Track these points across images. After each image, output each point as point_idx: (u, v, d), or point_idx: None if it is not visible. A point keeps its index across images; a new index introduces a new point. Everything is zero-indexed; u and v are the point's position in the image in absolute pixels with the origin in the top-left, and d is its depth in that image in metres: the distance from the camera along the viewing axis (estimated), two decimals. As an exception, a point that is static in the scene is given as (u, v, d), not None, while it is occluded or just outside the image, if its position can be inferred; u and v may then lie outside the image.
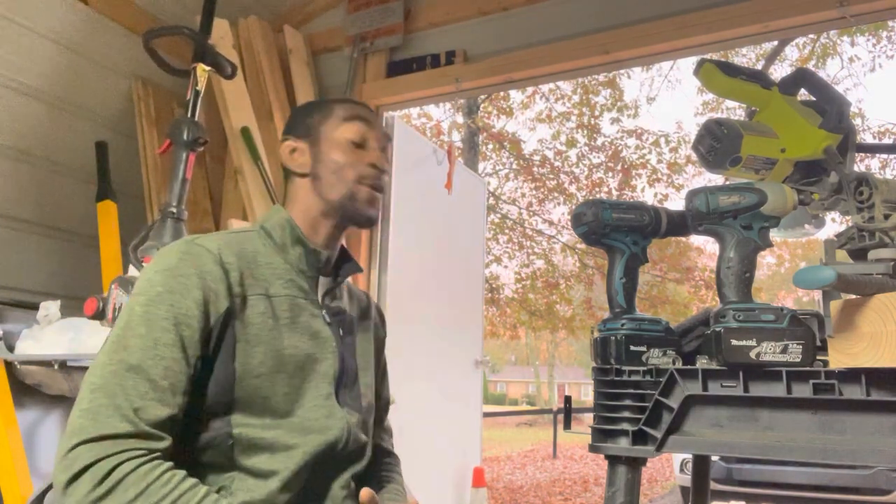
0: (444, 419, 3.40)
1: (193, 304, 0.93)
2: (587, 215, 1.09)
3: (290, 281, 1.05)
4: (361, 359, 1.15)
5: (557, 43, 2.48)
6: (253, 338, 0.97)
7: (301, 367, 1.01)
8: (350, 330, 1.14)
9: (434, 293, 3.32)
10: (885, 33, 8.33)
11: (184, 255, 0.97)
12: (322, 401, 1.02)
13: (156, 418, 0.87)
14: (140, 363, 0.88)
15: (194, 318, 0.93)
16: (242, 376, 0.95)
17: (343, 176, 1.09)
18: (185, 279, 0.94)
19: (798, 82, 1.26)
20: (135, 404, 0.86)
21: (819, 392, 0.91)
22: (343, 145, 1.11)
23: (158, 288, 0.94)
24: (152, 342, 0.90)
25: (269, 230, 1.09)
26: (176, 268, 0.95)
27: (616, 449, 1.02)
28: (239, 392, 0.96)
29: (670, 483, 7.80)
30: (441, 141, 9.35)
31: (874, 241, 1.02)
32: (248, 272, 1.01)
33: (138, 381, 0.87)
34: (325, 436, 1.00)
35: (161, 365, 0.89)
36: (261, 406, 0.96)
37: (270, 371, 0.97)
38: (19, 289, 2.37)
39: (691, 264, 11.26)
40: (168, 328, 0.91)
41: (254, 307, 0.99)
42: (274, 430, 0.96)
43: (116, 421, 0.84)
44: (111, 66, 2.54)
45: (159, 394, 0.88)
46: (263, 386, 0.96)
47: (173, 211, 1.91)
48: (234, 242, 1.03)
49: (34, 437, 2.14)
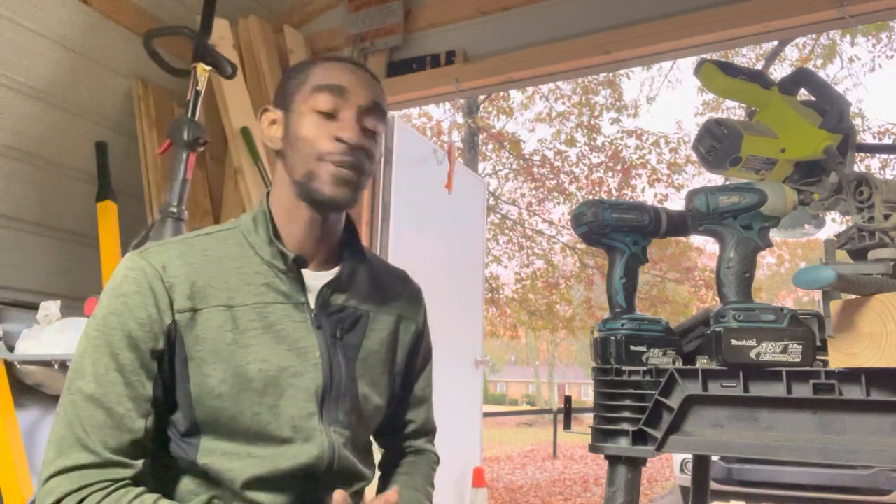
0: (443, 419, 3.39)
1: (137, 326, 0.88)
2: (587, 215, 1.08)
3: (265, 286, 0.95)
4: (366, 360, 1.02)
5: (557, 43, 2.48)
6: (208, 355, 0.89)
7: (274, 384, 0.91)
8: (352, 327, 1.01)
9: (434, 293, 3.31)
10: (885, 33, 8.32)
11: (127, 273, 0.91)
12: (301, 421, 0.92)
13: (118, 445, 0.85)
14: (94, 392, 0.85)
15: (140, 339, 0.88)
16: (200, 397, 0.89)
17: (304, 152, 0.94)
18: (127, 298, 0.89)
19: (798, 82, 1.25)
20: (92, 435, 0.84)
21: (819, 392, 0.91)
22: (310, 117, 0.96)
23: (104, 310, 0.90)
24: (103, 368, 0.86)
25: (249, 226, 0.99)
26: (119, 287, 0.90)
27: (616, 449, 1.02)
28: (201, 414, 0.89)
29: (670, 483, 7.80)
30: (441, 141, 9.36)
31: (874, 241, 1.02)
32: (203, 282, 0.92)
33: (95, 412, 0.85)
34: (301, 459, 0.91)
35: (115, 391, 0.86)
36: (229, 428, 0.90)
37: (232, 390, 0.89)
38: (19, 289, 2.37)
39: (691, 264, 11.27)
40: (116, 353, 0.87)
41: (208, 321, 0.90)
42: (243, 461, 0.89)
43: (78, 452, 0.83)
44: (111, 66, 2.54)
45: (117, 420, 0.85)
46: (225, 407, 0.89)
47: (173, 211, 1.91)
48: (192, 250, 0.94)
49: (34, 437, 2.14)
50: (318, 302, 0.99)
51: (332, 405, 0.96)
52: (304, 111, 0.96)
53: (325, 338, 0.97)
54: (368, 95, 0.98)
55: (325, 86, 0.96)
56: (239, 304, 0.92)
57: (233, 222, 1.02)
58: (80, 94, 2.48)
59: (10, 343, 2.03)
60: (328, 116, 0.96)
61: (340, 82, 0.97)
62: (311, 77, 0.98)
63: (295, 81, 1.00)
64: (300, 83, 0.99)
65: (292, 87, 1.00)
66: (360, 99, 0.97)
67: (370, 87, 0.99)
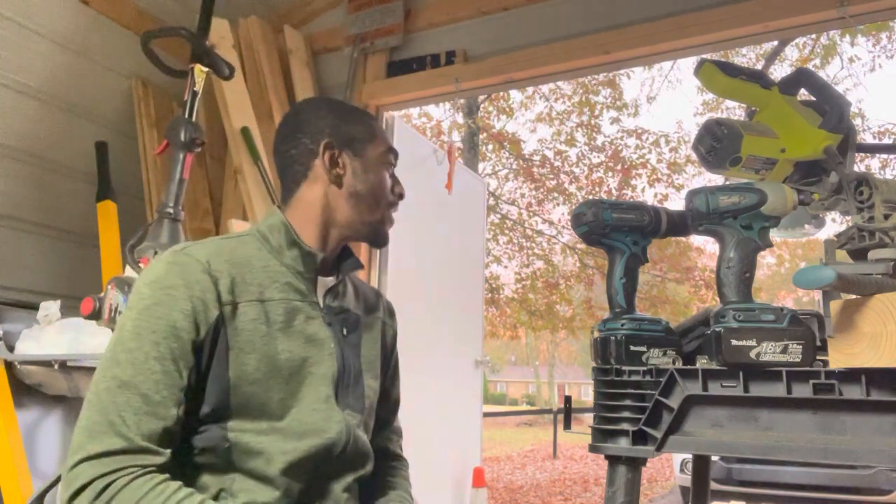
0: (444, 419, 3.39)
1: (181, 316, 0.93)
2: (587, 215, 1.09)
3: (286, 284, 1.04)
4: (366, 358, 1.14)
5: (557, 43, 2.48)
6: (246, 345, 0.97)
7: (297, 372, 1.00)
8: (354, 328, 1.13)
9: (434, 293, 3.32)
10: (886, 33, 8.33)
11: (171, 266, 0.96)
12: (320, 404, 1.01)
13: (150, 432, 0.88)
14: (131, 378, 0.89)
15: (183, 329, 0.92)
16: (237, 384, 0.95)
17: (382, 200, 1.14)
18: (173, 290, 0.94)
19: (798, 82, 1.25)
20: (128, 420, 0.87)
21: (819, 392, 0.91)
22: (384, 171, 1.15)
23: (147, 301, 0.94)
24: (143, 356, 0.90)
25: (265, 233, 1.08)
26: (164, 279, 0.95)
27: (616, 449, 1.02)
28: (234, 399, 0.95)
29: (670, 483, 7.80)
30: (441, 141, 9.36)
31: (874, 241, 1.02)
32: (239, 278, 0.99)
33: (131, 397, 0.88)
34: (322, 438, 0.99)
35: (152, 379, 0.89)
36: (257, 411, 0.96)
37: (265, 377, 0.97)
38: (19, 289, 2.37)
39: (691, 264, 11.27)
40: (158, 341, 0.91)
41: (245, 314, 0.98)
42: (270, 436, 0.96)
43: (111, 437, 0.86)
44: (111, 66, 2.54)
45: (152, 407, 0.89)
46: (258, 392, 0.96)
47: (170, 211, 1.91)
48: (225, 249, 1.02)
49: (34, 437, 2.14)
50: (325, 302, 1.10)
51: (345, 391, 1.06)
52: (380, 162, 1.15)
53: (335, 333, 1.08)
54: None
55: (393, 150, 1.18)
56: (268, 298, 1.01)
57: (245, 231, 1.12)
58: (80, 94, 2.48)
59: (10, 343, 2.03)
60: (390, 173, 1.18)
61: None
62: (377, 133, 1.17)
63: (363, 130, 1.15)
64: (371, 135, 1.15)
65: (361, 134, 1.14)
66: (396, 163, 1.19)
67: None
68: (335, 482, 1.02)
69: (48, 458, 2.17)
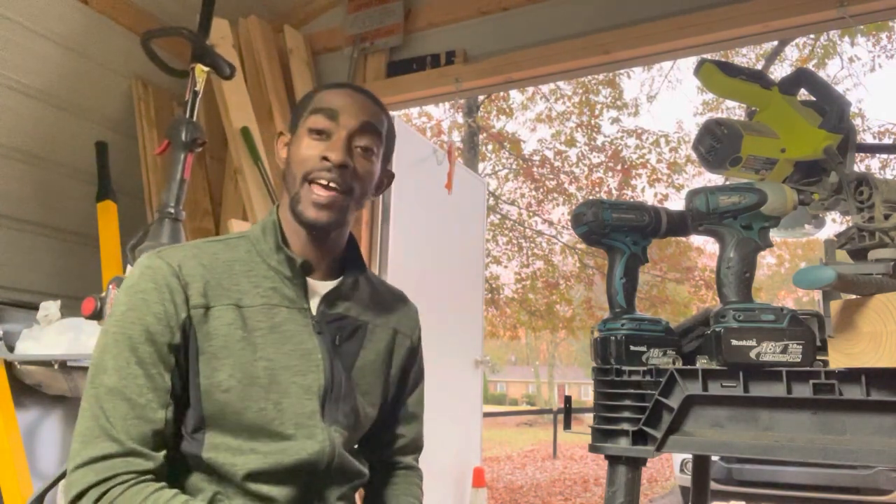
0: (444, 419, 3.39)
1: (155, 319, 0.92)
2: (587, 215, 1.08)
3: (271, 289, 1.00)
4: (364, 369, 1.06)
5: (557, 43, 2.48)
6: (219, 350, 0.94)
7: (277, 381, 0.95)
8: (349, 337, 1.06)
9: (434, 293, 3.31)
10: (886, 33, 8.33)
11: (144, 270, 0.96)
12: (304, 419, 0.96)
13: (140, 436, 0.89)
14: (116, 384, 0.90)
15: (157, 332, 0.92)
16: (208, 391, 0.93)
17: (295, 172, 1.00)
18: (145, 294, 0.94)
19: (798, 82, 1.26)
20: (117, 425, 0.88)
21: (819, 392, 0.91)
22: (306, 138, 1.01)
23: (123, 307, 0.94)
24: (124, 362, 0.91)
25: (258, 235, 1.04)
26: (137, 284, 0.95)
27: (616, 449, 1.02)
28: (207, 407, 0.93)
29: (670, 483, 7.80)
30: (441, 141, 9.36)
31: (874, 241, 1.02)
32: (214, 282, 0.97)
33: (118, 403, 0.89)
34: (303, 455, 0.95)
35: (136, 383, 0.90)
36: (234, 423, 0.93)
37: (240, 385, 0.93)
38: (19, 289, 2.37)
39: (691, 264, 11.27)
40: (136, 346, 0.91)
41: (219, 318, 0.95)
42: (246, 456, 0.93)
43: (103, 442, 0.87)
44: (111, 66, 2.54)
45: (139, 411, 0.89)
46: (232, 401, 0.93)
47: (171, 211, 1.91)
48: (205, 252, 1.00)
49: (34, 437, 2.14)
50: (319, 309, 1.03)
51: (332, 406, 1.00)
52: (301, 133, 1.02)
53: (325, 343, 1.02)
54: (360, 117, 1.02)
55: (319, 108, 1.02)
56: (247, 304, 0.98)
57: (242, 232, 1.08)
58: (80, 94, 2.48)
59: (10, 343, 2.03)
60: (321, 138, 1.01)
61: (333, 105, 1.02)
62: (313, 102, 1.04)
63: (301, 106, 1.06)
64: (304, 108, 1.05)
65: (298, 111, 1.06)
66: (352, 120, 1.01)
67: (365, 108, 1.04)
68: (329, 495, 0.99)
69: (48, 458, 2.17)
